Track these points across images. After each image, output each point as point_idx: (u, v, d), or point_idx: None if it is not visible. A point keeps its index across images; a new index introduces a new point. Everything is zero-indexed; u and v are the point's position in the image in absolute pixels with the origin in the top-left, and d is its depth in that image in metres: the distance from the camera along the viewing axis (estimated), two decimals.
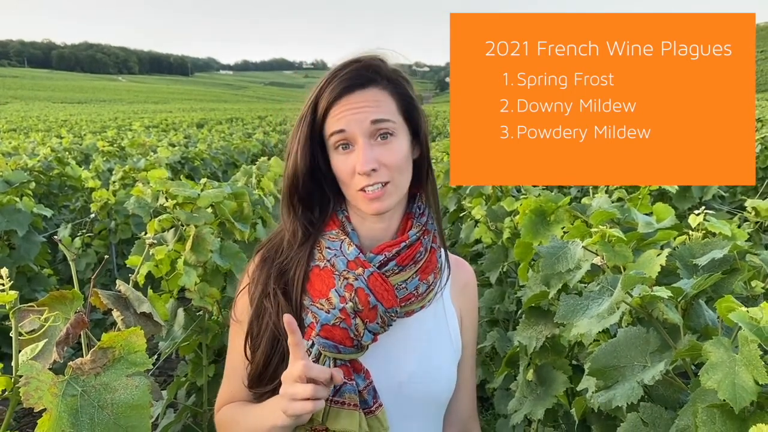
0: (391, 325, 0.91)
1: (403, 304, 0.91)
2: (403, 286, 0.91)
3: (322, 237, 0.96)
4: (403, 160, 0.92)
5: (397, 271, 0.91)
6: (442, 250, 1.04)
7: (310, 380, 0.78)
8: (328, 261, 0.93)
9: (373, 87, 0.92)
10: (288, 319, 0.80)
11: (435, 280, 0.97)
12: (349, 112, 0.90)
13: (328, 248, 0.94)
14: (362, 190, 0.90)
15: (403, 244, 0.93)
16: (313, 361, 0.86)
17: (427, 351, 0.96)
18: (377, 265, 0.90)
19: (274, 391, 0.90)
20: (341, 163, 0.91)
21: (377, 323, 0.88)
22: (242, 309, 0.99)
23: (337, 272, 0.92)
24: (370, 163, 0.88)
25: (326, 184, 0.96)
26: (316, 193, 0.96)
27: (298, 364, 0.78)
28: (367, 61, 0.93)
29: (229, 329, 1.04)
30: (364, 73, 0.92)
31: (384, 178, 0.90)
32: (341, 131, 0.90)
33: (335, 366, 0.88)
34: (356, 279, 0.89)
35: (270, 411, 0.86)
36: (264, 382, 0.93)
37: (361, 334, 0.88)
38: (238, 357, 0.99)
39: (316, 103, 0.92)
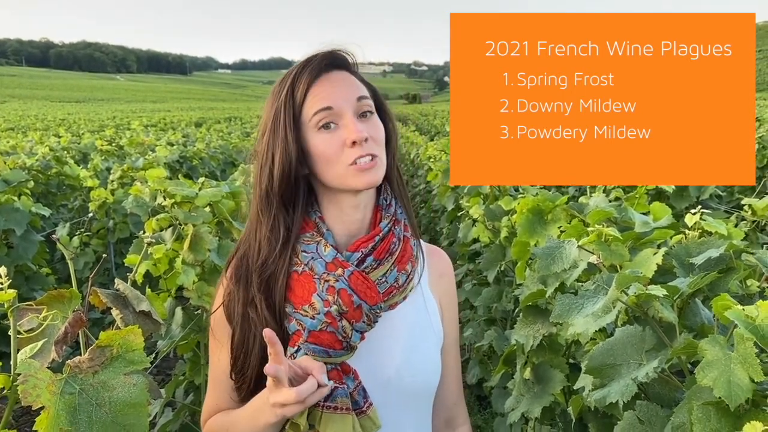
0: (377, 321, 0.90)
1: (386, 298, 0.91)
2: (384, 280, 0.91)
3: (296, 241, 0.94)
4: (384, 137, 0.93)
5: (375, 266, 0.90)
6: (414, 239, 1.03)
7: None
8: (306, 265, 0.91)
9: (346, 70, 0.94)
10: (269, 334, 0.78)
11: (413, 268, 0.96)
12: (333, 89, 0.90)
13: (304, 252, 0.92)
14: (354, 163, 0.88)
15: (377, 237, 0.92)
16: None
17: (412, 343, 0.96)
18: (355, 262, 0.90)
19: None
20: (325, 142, 0.89)
21: (363, 322, 0.88)
22: (221, 328, 0.97)
23: (316, 276, 0.90)
24: (363, 132, 0.87)
25: (304, 182, 0.94)
26: (295, 189, 0.94)
27: (289, 395, 0.76)
28: (334, 49, 0.94)
29: (209, 343, 1.02)
30: (338, 57, 0.94)
31: (374, 151, 0.89)
32: (328, 108, 0.89)
33: (326, 371, 0.86)
34: (337, 280, 0.88)
35: (259, 410, 0.85)
36: (256, 384, 0.92)
37: (350, 335, 0.87)
38: (220, 370, 0.98)
39: (294, 89, 0.90)
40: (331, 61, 0.92)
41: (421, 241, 1.05)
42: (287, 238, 0.93)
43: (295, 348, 0.88)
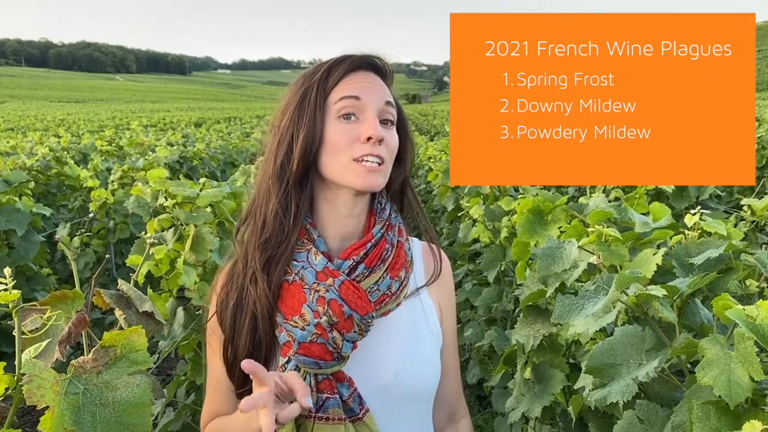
0: (369, 330, 0.89)
1: (377, 307, 0.89)
2: (375, 288, 0.89)
3: (299, 231, 0.91)
4: (395, 151, 0.93)
5: (367, 274, 0.88)
6: (416, 243, 1.03)
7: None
8: (296, 274, 0.89)
9: (383, 79, 0.95)
10: (247, 366, 0.75)
11: (407, 274, 0.95)
12: (366, 84, 0.90)
13: (295, 260, 0.90)
14: (360, 160, 0.87)
15: (369, 243, 0.90)
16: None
17: (409, 348, 0.94)
18: (346, 271, 0.88)
19: None
20: (340, 131, 0.88)
21: (355, 332, 0.86)
22: (216, 332, 0.96)
23: (306, 286, 0.88)
24: (382, 133, 0.87)
25: (313, 167, 0.91)
26: (308, 172, 0.91)
27: (267, 421, 0.72)
28: (383, 58, 0.96)
29: (206, 348, 1.01)
30: (380, 64, 0.95)
31: (384, 155, 0.89)
32: (355, 97, 0.88)
33: (317, 381, 0.86)
34: (327, 290, 0.86)
35: (252, 415, 0.83)
36: (250, 381, 0.92)
37: (341, 346, 0.85)
38: (216, 375, 0.97)
39: (329, 73, 0.90)
40: (373, 64, 0.94)
41: (420, 242, 1.05)
42: (296, 216, 0.91)
43: (286, 359, 0.87)
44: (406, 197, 1.01)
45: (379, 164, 0.88)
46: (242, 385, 0.93)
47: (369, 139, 0.87)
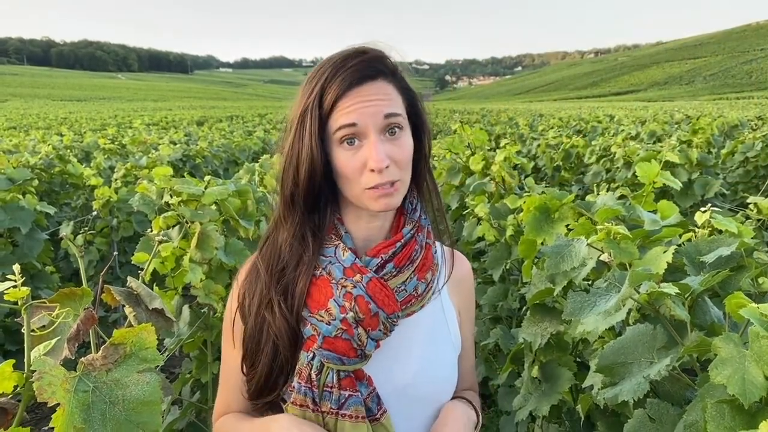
0: (393, 330, 0.88)
1: (403, 307, 0.89)
2: (402, 288, 0.88)
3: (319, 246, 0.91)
4: (409, 157, 0.89)
5: (395, 273, 0.88)
6: (438, 244, 1.02)
7: None
8: (324, 269, 0.89)
9: (382, 79, 0.88)
10: None
11: (433, 277, 0.94)
12: (361, 105, 0.85)
13: (323, 255, 0.90)
14: (372, 187, 0.85)
15: (398, 243, 0.89)
16: (316, 374, 0.86)
17: (429, 351, 0.94)
18: (374, 268, 0.87)
19: (273, 402, 0.91)
20: (347, 160, 0.85)
21: (380, 330, 0.86)
22: (235, 327, 0.96)
23: (334, 281, 0.88)
24: (385, 160, 0.83)
25: (327, 184, 0.90)
26: (320, 194, 0.90)
27: None
28: (373, 53, 0.88)
29: (222, 339, 1.01)
30: (373, 65, 0.87)
31: (395, 177, 0.86)
32: (352, 125, 0.84)
33: (339, 378, 0.86)
34: (355, 286, 0.85)
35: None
36: (265, 393, 0.92)
37: (365, 344, 0.85)
38: (232, 368, 0.97)
39: (322, 95, 0.86)
40: (366, 72, 0.86)
41: (443, 246, 1.04)
42: (314, 245, 0.90)
43: (310, 354, 0.87)
44: (425, 190, 0.99)
45: (392, 185, 0.86)
46: (257, 396, 0.93)
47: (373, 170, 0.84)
